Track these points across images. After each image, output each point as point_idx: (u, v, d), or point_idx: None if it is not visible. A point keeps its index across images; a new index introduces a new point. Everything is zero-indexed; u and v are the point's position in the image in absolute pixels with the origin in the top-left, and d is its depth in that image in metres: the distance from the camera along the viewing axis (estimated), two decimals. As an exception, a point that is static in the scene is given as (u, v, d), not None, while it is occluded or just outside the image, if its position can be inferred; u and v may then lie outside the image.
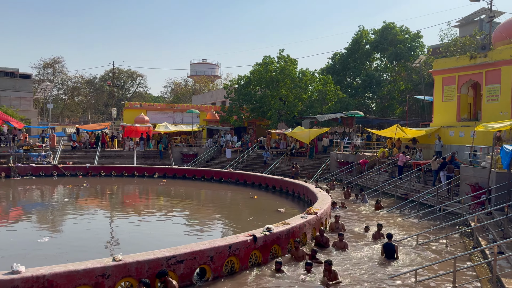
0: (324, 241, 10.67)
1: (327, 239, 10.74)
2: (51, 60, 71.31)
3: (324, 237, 10.76)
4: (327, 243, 10.65)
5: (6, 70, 58.64)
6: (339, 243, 10.47)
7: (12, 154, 26.82)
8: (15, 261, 6.53)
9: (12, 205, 17.64)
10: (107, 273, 6.77)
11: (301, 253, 9.43)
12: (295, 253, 9.38)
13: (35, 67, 72.90)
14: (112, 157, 31.41)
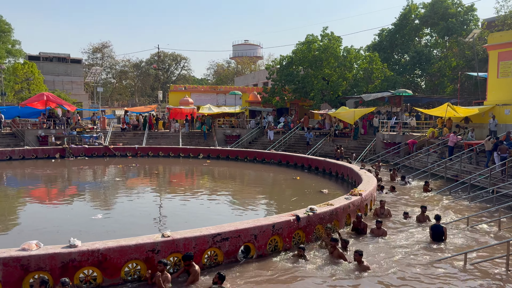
0: (361, 227, 10.16)
1: (364, 225, 10.21)
2: (100, 44, 73.87)
3: (362, 223, 10.23)
4: (365, 229, 10.15)
5: (58, 56, 61.45)
6: (376, 230, 9.93)
7: (66, 136, 28.40)
8: (72, 236, 6.96)
9: (67, 184, 18.75)
10: (156, 248, 7.08)
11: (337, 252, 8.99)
12: (327, 239, 8.95)
13: (85, 52, 75.78)
14: (159, 138, 32.41)
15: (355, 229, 10.21)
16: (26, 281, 6.27)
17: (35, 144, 28.07)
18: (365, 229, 10.15)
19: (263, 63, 77.22)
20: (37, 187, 17.72)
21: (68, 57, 62.12)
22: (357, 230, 10.16)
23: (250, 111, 38.36)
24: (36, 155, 25.46)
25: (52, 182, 18.85)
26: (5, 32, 61.31)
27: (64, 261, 6.42)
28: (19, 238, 9.25)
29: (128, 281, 6.90)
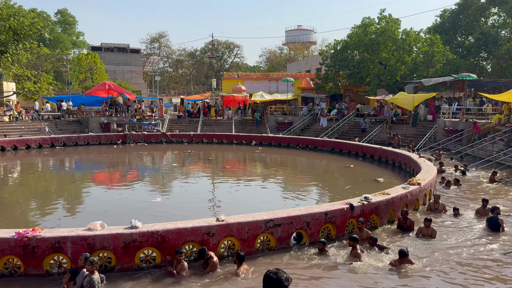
0: (407, 224, 9.26)
1: (411, 222, 9.28)
2: (157, 34, 76.25)
3: (408, 219, 9.32)
4: (412, 226, 9.21)
5: (119, 46, 64.19)
6: (425, 229, 8.80)
7: (127, 123, 29.85)
8: (133, 218, 7.34)
9: (128, 169, 19.76)
10: (211, 231, 7.28)
11: (365, 235, 8.36)
12: (359, 234, 8.33)
13: (143, 42, 78.63)
14: (213, 125, 33.11)
15: (401, 227, 9.31)
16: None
17: (98, 130, 29.79)
18: (412, 226, 9.24)
19: (316, 48, 75.84)
20: (100, 171, 18.86)
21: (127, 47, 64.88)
22: (402, 228, 9.26)
23: (303, 98, 37.97)
24: (100, 141, 27.04)
25: (115, 167, 19.96)
26: (70, 25, 65.20)
27: (126, 241, 6.80)
28: (85, 218, 9.92)
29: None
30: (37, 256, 6.54)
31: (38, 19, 33.13)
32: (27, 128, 28.39)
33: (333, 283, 6.66)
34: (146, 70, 63.12)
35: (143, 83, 63.85)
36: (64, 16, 64.10)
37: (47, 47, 48.24)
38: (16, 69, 34.50)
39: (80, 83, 50.56)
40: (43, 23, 33.86)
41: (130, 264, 6.84)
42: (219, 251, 7.38)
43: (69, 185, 15.49)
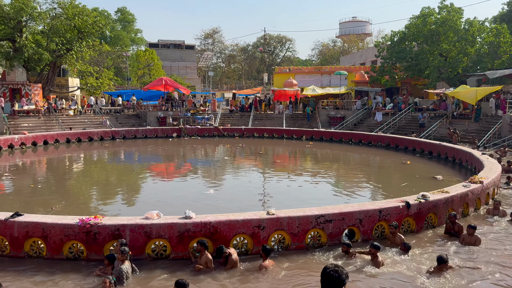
0: (456, 229, 8.42)
1: (460, 228, 8.38)
2: (211, 30, 77.66)
3: (456, 224, 8.45)
4: (460, 232, 8.34)
5: (174, 43, 66.15)
6: (468, 237, 7.97)
7: (181, 117, 30.81)
8: (187, 208, 7.56)
9: (183, 161, 20.39)
10: (262, 224, 7.33)
11: (398, 240, 7.76)
12: (392, 238, 7.82)
13: (198, 38, 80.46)
14: (264, 120, 33.25)
15: (448, 232, 8.52)
16: (149, 246, 7.02)
17: (155, 124, 30.99)
18: (461, 232, 8.38)
19: (371, 40, 73.51)
20: (157, 163, 19.62)
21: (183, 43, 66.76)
22: (450, 233, 8.48)
23: (356, 92, 37.01)
24: (156, 134, 28.13)
25: (170, 159, 20.68)
26: (129, 22, 68.17)
27: (180, 230, 7.03)
28: (142, 208, 10.38)
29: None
30: (98, 242, 6.94)
31: (100, 18, 34.98)
32: (90, 121, 30.16)
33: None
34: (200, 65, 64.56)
35: (197, 78, 65.45)
36: (123, 14, 67.20)
37: (108, 44, 50.82)
38: (80, 65, 36.71)
39: (139, 78, 52.81)
40: (104, 21, 35.70)
41: (184, 253, 7.05)
42: (269, 244, 7.42)
43: (128, 176, 16.28)
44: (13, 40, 30.42)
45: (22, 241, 7.03)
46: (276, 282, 6.37)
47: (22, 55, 29.88)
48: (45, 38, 31.77)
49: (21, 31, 30.75)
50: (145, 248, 7.01)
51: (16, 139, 21.95)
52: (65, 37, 31.65)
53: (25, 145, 22.10)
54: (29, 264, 6.87)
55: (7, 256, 7.09)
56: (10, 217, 7.11)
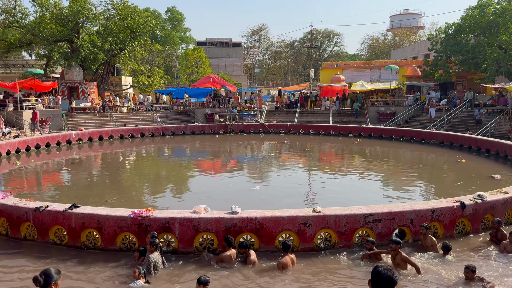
0: (499, 237, 7.75)
1: (503, 235, 7.68)
2: (257, 27, 77.91)
3: (500, 231, 7.78)
4: (504, 239, 7.62)
5: (221, 41, 67.05)
6: (509, 245, 7.26)
7: (228, 113, 31.22)
8: (233, 204, 7.65)
9: (229, 157, 20.66)
10: (308, 222, 7.26)
11: (429, 242, 7.33)
12: (423, 241, 7.38)
13: (244, 36, 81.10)
14: (310, 116, 32.90)
15: (493, 240, 7.82)
16: (197, 239, 7.18)
17: (203, 121, 31.63)
18: (504, 239, 7.64)
19: (424, 33, 70.45)
20: (204, 159, 20.03)
21: (230, 41, 67.53)
22: (495, 242, 7.77)
23: (408, 87, 35.63)
24: (204, 130, 28.72)
25: (217, 155, 21.04)
26: (179, 21, 69.95)
27: (227, 225, 7.12)
28: (190, 202, 10.64)
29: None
30: (149, 234, 7.19)
31: (151, 18, 36.18)
32: (142, 118, 31.34)
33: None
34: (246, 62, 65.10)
35: (243, 76, 65.97)
36: (173, 13, 69.04)
37: (159, 43, 52.47)
38: (133, 64, 38.20)
39: (187, 76, 54.13)
40: (155, 21, 36.90)
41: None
42: (315, 242, 7.34)
43: (177, 171, 16.76)
44: (71, 41, 32.21)
45: (79, 232, 7.44)
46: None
47: (79, 55, 31.57)
48: (100, 39, 33.37)
49: (78, 32, 32.49)
50: (193, 241, 7.17)
51: (74, 135, 23.26)
52: (118, 37, 33.06)
53: (82, 140, 23.37)
54: (85, 254, 7.26)
55: (66, 246, 7.54)
56: (68, 208, 7.54)
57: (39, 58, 38.87)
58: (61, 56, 33.59)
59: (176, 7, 69.35)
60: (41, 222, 7.64)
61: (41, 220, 7.63)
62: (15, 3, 32.46)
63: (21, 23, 32.57)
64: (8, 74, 39.48)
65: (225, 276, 6.38)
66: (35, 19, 32.95)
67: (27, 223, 7.77)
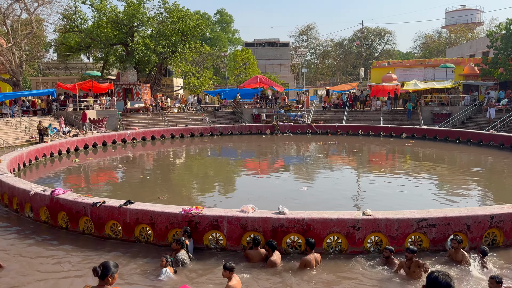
0: None
1: None
2: (305, 27, 77.41)
3: None
4: None
5: (269, 41, 67.23)
6: None
7: (275, 114, 31.26)
8: (280, 204, 7.64)
9: (276, 158, 20.68)
10: (357, 225, 7.09)
11: (461, 256, 6.79)
12: (454, 255, 6.87)
13: (292, 36, 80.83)
14: (359, 116, 32.16)
15: None
16: (244, 238, 7.25)
17: (250, 121, 31.91)
18: None
19: (483, 30, 66.55)
20: (251, 158, 20.19)
21: (277, 41, 67.54)
22: None
23: (465, 86, 33.82)
24: (251, 131, 28.96)
25: (263, 155, 21.13)
26: (227, 23, 71.04)
27: (274, 225, 7.13)
28: (237, 201, 10.77)
29: (329, 253, 7.17)
30: (199, 232, 7.36)
31: (201, 20, 37.01)
32: (192, 118, 32.15)
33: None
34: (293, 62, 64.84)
35: (291, 76, 65.74)
36: (222, 15, 70.25)
37: (208, 45, 53.62)
38: (184, 66, 39.30)
39: (235, 77, 54.84)
40: (205, 24, 37.71)
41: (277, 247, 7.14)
42: (365, 245, 7.16)
43: (225, 170, 17.03)
44: (126, 44, 33.71)
45: (133, 227, 7.76)
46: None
47: (134, 57, 32.96)
48: (153, 42, 34.64)
49: (133, 36, 33.93)
50: (241, 240, 7.25)
51: (128, 134, 24.32)
52: (170, 40, 34.15)
53: (136, 139, 24.38)
54: (138, 248, 7.56)
55: (120, 240, 7.89)
56: (123, 204, 7.89)
57: (97, 61, 41.07)
58: (117, 58, 35.25)
59: (225, 9, 70.70)
60: (98, 216, 8.06)
61: (98, 215, 8.05)
62: (75, 9, 34.51)
63: (81, 27, 34.57)
64: (68, 76, 42.08)
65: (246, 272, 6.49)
66: (93, 23, 34.84)
67: (85, 217, 8.22)
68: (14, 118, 25.33)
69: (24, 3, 29.84)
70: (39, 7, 30.73)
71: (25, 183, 10.02)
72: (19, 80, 30.99)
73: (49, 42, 39.74)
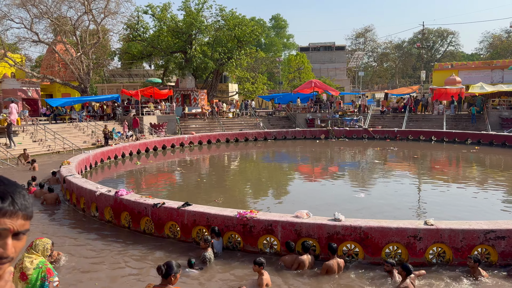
0: None
1: None
2: (362, 29, 75.77)
3: None
4: None
5: (324, 45, 66.53)
6: None
7: (329, 118, 30.78)
8: (335, 210, 7.49)
9: (330, 163, 20.33)
10: (418, 235, 6.76)
11: (478, 273, 6.24)
12: (471, 273, 6.29)
13: (348, 39, 79.37)
14: (420, 121, 30.79)
15: None
16: (298, 244, 7.17)
17: (304, 126, 31.68)
18: None
19: (560, 27, 61.10)
20: (305, 163, 20.02)
21: (333, 45, 66.68)
22: None
23: (538, 89, 31.24)
24: (305, 135, 28.74)
25: (317, 160, 20.87)
26: (282, 28, 71.28)
27: (329, 232, 6.99)
28: (291, 205, 10.71)
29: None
30: (253, 235, 7.41)
31: (257, 27, 37.47)
32: (246, 123, 32.56)
33: None
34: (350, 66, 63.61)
35: (346, 79, 64.52)
36: (277, 21, 70.64)
37: (263, 50, 54.13)
38: (239, 72, 39.96)
39: (289, 82, 54.83)
40: (260, 30, 38.14)
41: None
42: (426, 257, 6.80)
43: (278, 174, 17.02)
44: (185, 52, 34.94)
45: (191, 228, 7.98)
46: None
47: (192, 64, 34.07)
48: (210, 49, 35.60)
49: (191, 43, 35.09)
50: (295, 246, 7.18)
51: (186, 138, 25.14)
52: (226, 47, 34.91)
53: (193, 143, 25.14)
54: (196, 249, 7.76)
55: (178, 240, 8.15)
56: (181, 206, 8.15)
57: (157, 68, 42.97)
58: (176, 66, 36.64)
59: (280, 14, 70.95)
60: (158, 217, 8.38)
61: (158, 216, 8.37)
62: (138, 19, 36.40)
63: (143, 36, 36.37)
64: (131, 83, 44.37)
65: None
66: (154, 32, 36.52)
67: (146, 217, 8.59)
68: (82, 122, 27.12)
69: (92, 15, 31.94)
70: (105, 18, 32.74)
71: (91, 184, 10.66)
72: (86, 87, 33.17)
73: (113, 51, 42.29)
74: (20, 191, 1.20)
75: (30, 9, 29.95)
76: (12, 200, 1.16)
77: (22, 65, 33.10)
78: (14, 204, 1.17)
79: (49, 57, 35.55)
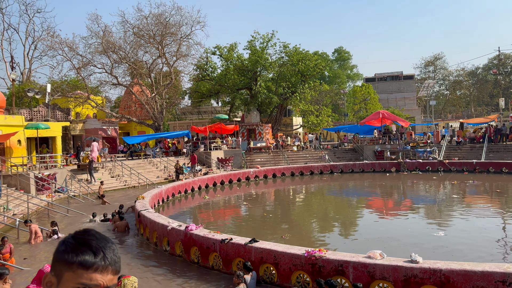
0: None
1: None
2: (432, 57, 73.22)
3: None
4: None
5: (392, 75, 65.04)
6: None
7: (400, 150, 29.46)
8: (411, 250, 6.99)
9: (403, 197, 19.27)
10: (508, 280, 6.07)
11: None
12: None
13: (417, 67, 76.97)
14: (501, 152, 28.35)
15: None
16: (372, 287, 6.76)
17: (372, 158, 30.63)
18: None
19: None
20: (375, 198, 19.17)
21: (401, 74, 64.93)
22: None
23: None
24: (374, 168, 27.69)
25: (388, 195, 19.90)
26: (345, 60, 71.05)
27: (406, 275, 6.51)
28: (361, 244, 10.21)
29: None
30: (322, 276, 7.11)
31: (320, 60, 37.73)
32: (311, 156, 32.25)
33: None
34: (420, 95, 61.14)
35: (417, 109, 61.98)
36: (340, 53, 70.66)
37: (327, 83, 54.09)
38: (303, 105, 40.14)
39: (355, 113, 53.84)
40: (324, 63, 38.34)
41: (409, 300, 6.49)
42: (520, 306, 6.05)
43: (346, 210, 16.45)
44: (250, 88, 36.01)
45: (258, 265, 7.88)
46: None
47: (257, 100, 34.92)
48: (274, 84, 36.35)
49: (256, 80, 36.13)
50: (368, 289, 6.78)
51: (252, 172, 25.42)
52: (290, 81, 35.44)
53: (258, 177, 25.32)
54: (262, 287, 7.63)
55: (246, 277, 8.07)
56: (248, 242, 8.12)
57: (224, 105, 44.60)
58: (242, 102, 37.79)
59: (343, 47, 70.85)
60: (226, 253, 8.42)
61: (226, 252, 8.41)
62: (206, 59, 38.43)
63: (211, 76, 38.21)
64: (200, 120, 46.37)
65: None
66: (221, 71, 38.24)
67: (215, 253, 8.66)
68: (156, 158, 28.65)
69: (165, 58, 34.30)
70: (177, 60, 34.99)
71: (163, 218, 11.07)
72: (160, 125, 35.23)
73: (184, 90, 44.78)
74: (110, 246, 1.23)
75: (111, 55, 32.92)
76: (104, 255, 1.20)
77: (103, 106, 36.13)
78: (105, 259, 1.19)
79: (126, 98, 38.56)
